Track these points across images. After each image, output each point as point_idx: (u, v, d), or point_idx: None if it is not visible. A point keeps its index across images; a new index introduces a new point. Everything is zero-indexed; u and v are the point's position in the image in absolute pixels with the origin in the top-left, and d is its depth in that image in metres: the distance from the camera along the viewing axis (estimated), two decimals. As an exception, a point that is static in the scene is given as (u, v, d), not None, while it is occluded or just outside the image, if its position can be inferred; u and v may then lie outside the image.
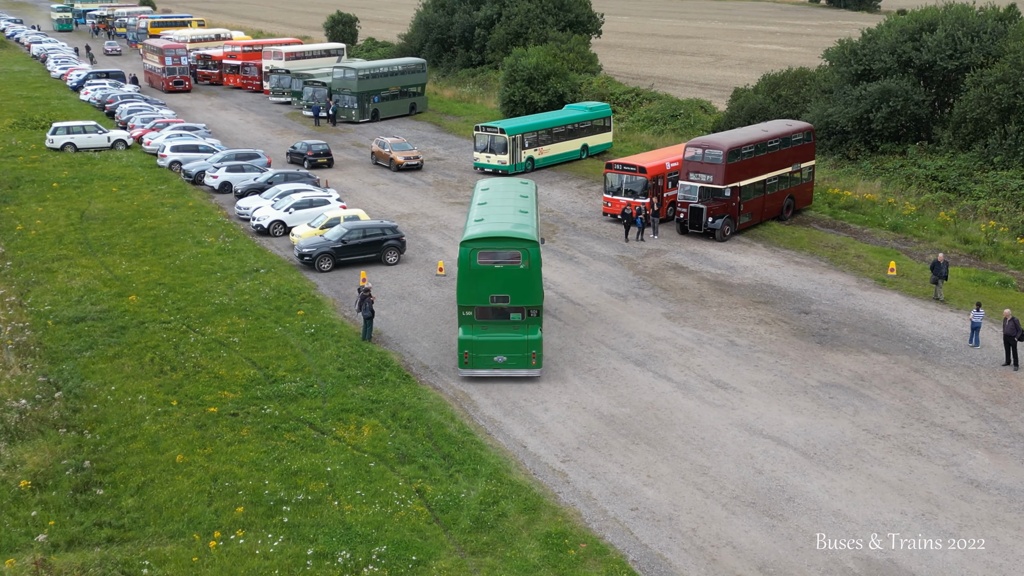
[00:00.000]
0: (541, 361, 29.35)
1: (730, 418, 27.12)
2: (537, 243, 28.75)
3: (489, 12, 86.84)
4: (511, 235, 28.73)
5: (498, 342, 28.80)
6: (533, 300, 28.74)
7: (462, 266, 28.54)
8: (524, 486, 23.47)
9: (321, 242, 40.24)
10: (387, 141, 59.62)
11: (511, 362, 29.00)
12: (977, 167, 48.06)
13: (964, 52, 50.61)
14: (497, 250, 28.52)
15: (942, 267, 36.03)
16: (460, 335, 29.08)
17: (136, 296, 35.78)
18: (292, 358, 30.68)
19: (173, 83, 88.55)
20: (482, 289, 28.60)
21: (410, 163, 58.18)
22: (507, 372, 29.15)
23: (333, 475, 23.59)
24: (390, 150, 58.66)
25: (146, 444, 25.08)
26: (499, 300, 28.65)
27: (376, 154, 59.91)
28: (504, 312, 28.85)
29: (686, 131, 62.98)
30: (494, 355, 28.95)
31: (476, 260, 28.43)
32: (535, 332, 28.93)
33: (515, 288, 28.53)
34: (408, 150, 58.99)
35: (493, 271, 28.46)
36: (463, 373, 29.42)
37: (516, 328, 28.90)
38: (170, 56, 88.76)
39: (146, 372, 29.49)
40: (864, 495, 23.19)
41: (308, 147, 58.77)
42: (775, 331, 33.46)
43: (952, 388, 28.95)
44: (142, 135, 64.02)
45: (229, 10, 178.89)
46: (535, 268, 28.49)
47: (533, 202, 33.38)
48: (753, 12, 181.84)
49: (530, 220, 30.64)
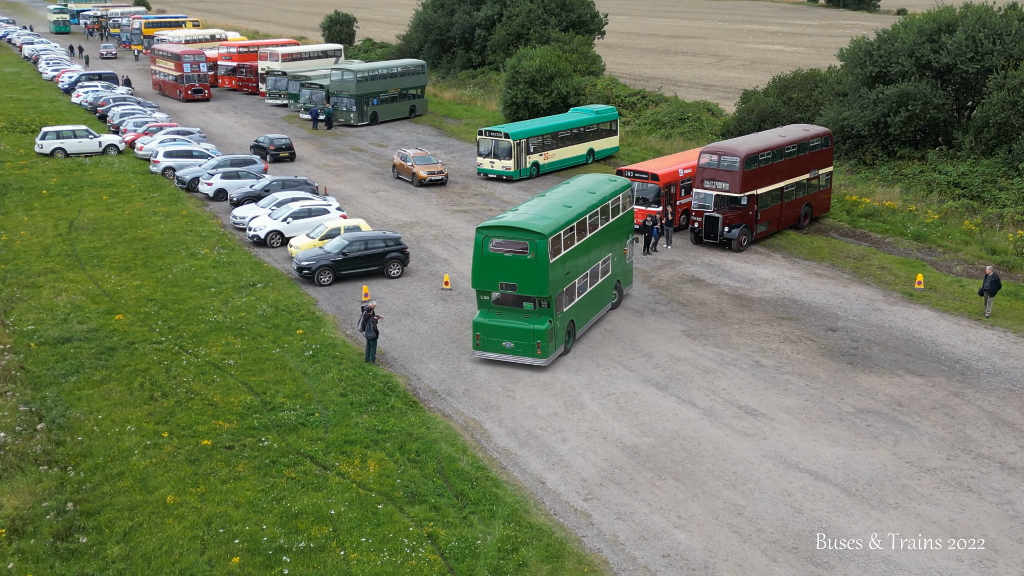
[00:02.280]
0: (548, 352, 29.74)
1: (762, 449, 25.27)
2: (546, 236, 28.94)
3: (490, 12, 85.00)
4: (521, 226, 29.46)
5: (507, 328, 29.74)
6: (539, 291, 29.35)
7: (476, 251, 29.72)
8: (545, 529, 21.60)
9: (321, 255, 38.36)
10: (409, 154, 55.18)
11: (517, 349, 29.82)
12: (1001, 173, 46.27)
13: (986, 54, 48.81)
14: (507, 239, 29.57)
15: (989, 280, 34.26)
16: (475, 317, 30.47)
17: (126, 314, 33.88)
18: (291, 382, 28.80)
19: (192, 91, 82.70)
20: (492, 275, 29.72)
21: (434, 178, 53.60)
22: (514, 358, 29.95)
23: (337, 518, 21.69)
24: (412, 164, 54.28)
25: (134, 482, 23.18)
26: (507, 288, 29.68)
27: (398, 167, 55.53)
28: (519, 300, 29.93)
29: (694, 135, 61.19)
30: (502, 340, 29.88)
31: (488, 247, 29.54)
32: (543, 323, 29.53)
33: (522, 277, 29.40)
34: (432, 164, 54.49)
35: (503, 259, 29.54)
36: (475, 354, 30.51)
37: (527, 317, 29.81)
38: (188, 63, 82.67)
39: (135, 399, 27.59)
40: (914, 538, 21.35)
41: (270, 141, 59.79)
42: (802, 350, 31.63)
43: (996, 414, 27.13)
44: (134, 140, 62.06)
45: (224, 10, 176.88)
46: (541, 260, 28.94)
47: (594, 199, 32.97)
48: (752, 12, 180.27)
49: (565, 216, 30.69)
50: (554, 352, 30.27)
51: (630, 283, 36.79)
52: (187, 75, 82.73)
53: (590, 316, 33.09)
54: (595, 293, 33.16)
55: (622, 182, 35.99)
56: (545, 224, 29.58)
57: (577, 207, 31.86)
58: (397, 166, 55.52)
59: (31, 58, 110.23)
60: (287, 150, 59.71)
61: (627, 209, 35.81)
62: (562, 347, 30.94)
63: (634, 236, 36.60)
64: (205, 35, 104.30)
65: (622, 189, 35.34)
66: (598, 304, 33.67)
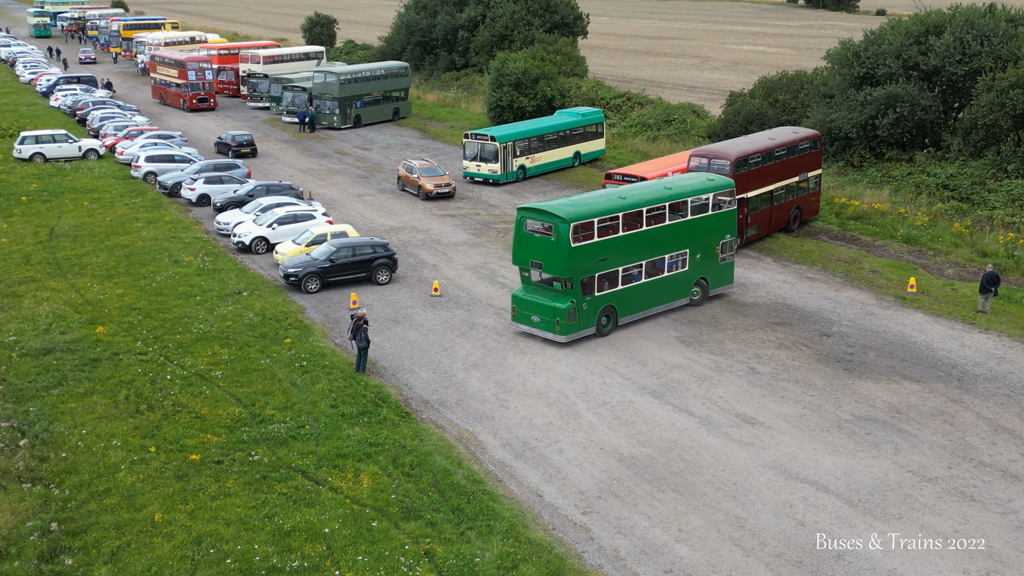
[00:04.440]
0: (566, 330, 31.60)
1: (761, 459, 24.89)
2: (568, 221, 30.79)
3: (472, 14, 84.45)
4: (548, 210, 31.66)
5: (535, 303, 32.06)
6: (560, 271, 31.48)
7: (515, 230, 32.60)
8: (544, 545, 21.12)
9: (307, 261, 37.76)
10: (415, 165, 52.28)
11: (542, 324, 32.01)
12: (990, 175, 46.12)
13: (973, 56, 48.70)
14: (538, 221, 31.91)
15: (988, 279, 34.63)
16: (514, 291, 33.19)
17: (109, 324, 33.19)
18: (280, 394, 28.21)
19: (197, 100, 79.02)
20: (526, 253, 32.34)
21: (441, 191, 50.93)
22: (539, 332, 32.20)
23: (331, 535, 21.14)
24: (419, 176, 51.49)
25: (121, 499, 22.56)
26: (536, 265, 32.17)
27: (403, 179, 52.81)
28: (551, 279, 32.25)
29: (680, 137, 60.87)
30: (532, 314, 32.21)
31: (524, 227, 32.21)
32: (565, 302, 31.53)
33: (547, 257, 31.68)
34: (439, 176, 51.77)
35: (533, 239, 32.07)
36: (512, 326, 33.20)
37: (554, 296, 31.96)
38: (193, 70, 79.04)
39: (121, 412, 26.93)
40: (919, 550, 21.01)
41: (232, 137, 61.23)
42: (797, 356, 31.30)
43: (995, 421, 26.85)
44: (115, 144, 61.21)
45: (203, 12, 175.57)
46: (563, 242, 30.93)
47: (662, 195, 33.86)
48: (732, 12, 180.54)
49: (604, 206, 32.30)
50: (577, 332, 31.93)
51: (728, 283, 36.58)
52: (192, 83, 78.94)
53: (645, 307, 34.02)
54: (655, 285, 34.06)
55: (719, 182, 35.98)
56: (571, 211, 31.39)
57: (632, 200, 33.12)
58: (402, 178, 52.96)
59: (8, 61, 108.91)
60: (249, 146, 61.18)
61: (722, 209, 35.61)
62: (591, 329, 32.41)
63: (735, 238, 36.30)
64: (185, 37, 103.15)
65: (711, 189, 35.31)
66: (660, 297, 34.41)
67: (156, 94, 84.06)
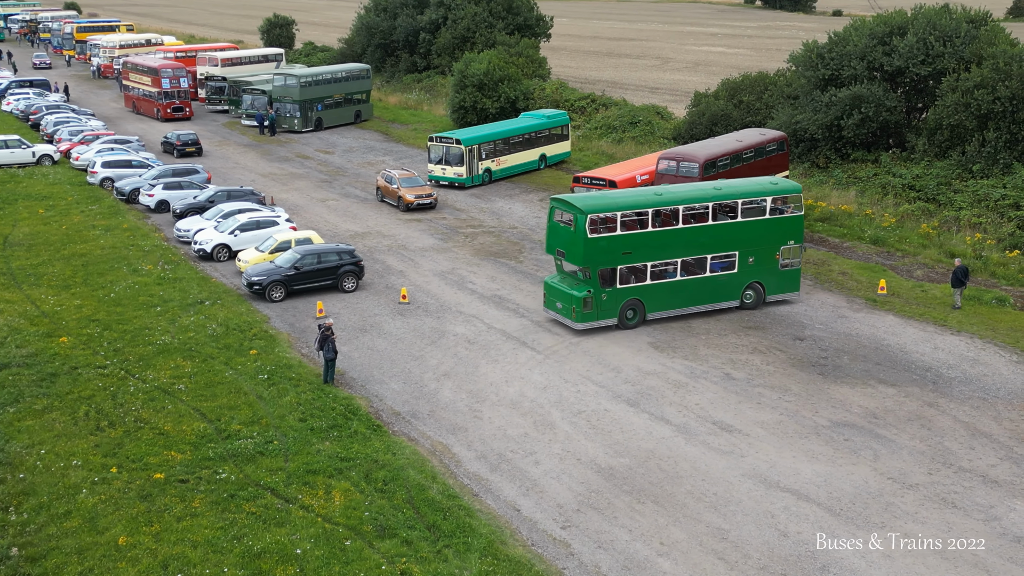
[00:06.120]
0: (581, 318, 32.70)
1: (741, 468, 24.52)
2: (585, 213, 31.96)
3: (434, 16, 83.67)
4: (571, 201, 33.00)
5: (559, 291, 33.43)
6: (577, 260, 32.86)
7: (548, 219, 34.51)
8: (524, 562, 20.56)
9: (271, 269, 36.92)
10: (394, 175, 50.25)
11: (563, 310, 33.34)
12: (955, 176, 46.25)
13: (937, 57, 48.87)
14: (563, 211, 33.28)
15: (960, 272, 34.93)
16: (546, 278, 34.81)
17: (67, 336, 32.15)
18: (246, 407, 27.40)
19: (172, 110, 74.43)
20: (554, 241, 33.96)
21: (422, 202, 49.04)
22: (561, 318, 33.53)
23: (303, 557, 20.42)
24: (398, 186, 49.55)
25: (83, 522, 21.68)
26: (560, 254, 33.71)
27: (382, 190, 50.87)
28: (573, 269, 33.76)
29: (646, 139, 60.58)
30: (556, 301, 33.60)
31: (553, 217, 33.88)
32: (582, 291, 32.70)
33: (568, 246, 33.08)
34: (420, 186, 49.86)
35: (559, 228, 33.57)
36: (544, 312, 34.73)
37: (575, 284, 33.17)
38: (167, 78, 74.07)
39: (80, 430, 25.99)
40: (904, 560, 20.72)
41: (177, 136, 61.81)
42: (772, 361, 31.01)
43: (972, 425, 26.70)
44: (70, 149, 59.77)
45: (158, 13, 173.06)
46: (580, 233, 32.17)
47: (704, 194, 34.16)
48: (690, 13, 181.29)
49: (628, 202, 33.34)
50: (593, 321, 32.94)
51: (792, 291, 35.89)
52: (167, 91, 74.23)
53: (682, 305, 34.27)
54: (695, 284, 34.22)
55: (783, 186, 35.63)
56: (590, 203, 32.71)
57: (667, 198, 33.84)
58: (381, 188, 51.09)
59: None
60: (194, 145, 61.83)
61: (784, 214, 35.19)
62: (611, 320, 33.28)
63: (801, 244, 35.59)
64: (140, 39, 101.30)
65: (770, 192, 35.06)
66: (700, 297, 34.51)
67: (128, 103, 79.86)
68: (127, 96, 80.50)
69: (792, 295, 36.07)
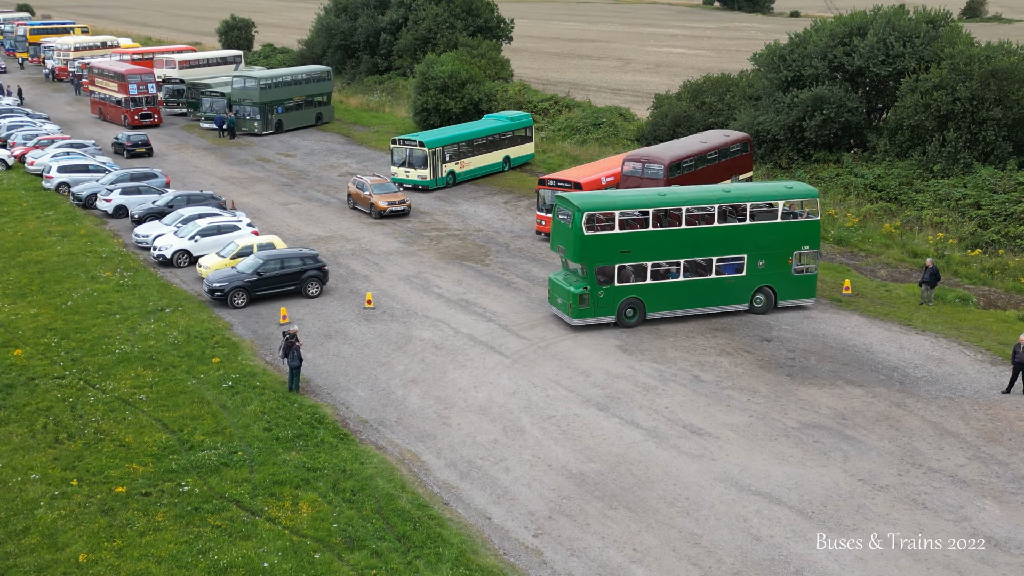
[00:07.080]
0: (576, 314, 33.05)
1: (712, 471, 24.40)
2: (581, 210, 32.26)
3: (395, 16, 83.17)
4: (568, 198, 33.61)
5: (559, 287, 33.84)
6: (573, 256, 33.13)
7: (552, 217, 35.32)
8: (496, 572, 20.27)
9: (233, 275, 36.32)
10: (366, 182, 49.10)
11: (562, 306, 33.76)
12: (917, 175, 46.62)
13: (897, 57, 49.26)
14: (563, 208, 33.73)
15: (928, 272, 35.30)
16: (551, 275, 35.17)
17: (24, 346, 31.38)
18: (210, 417, 26.86)
19: (140, 116, 72.09)
20: (557, 238, 34.35)
21: (395, 209, 48.01)
22: (560, 313, 34.00)
23: (270, 571, 19.99)
24: (370, 193, 48.51)
25: (42, 538, 21.08)
26: (560, 251, 34.16)
27: (353, 196, 49.74)
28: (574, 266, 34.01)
29: (610, 140, 60.57)
30: (558, 297, 33.99)
31: (558, 214, 34.10)
32: (578, 287, 32.98)
33: (567, 243, 33.44)
34: (392, 192, 48.89)
35: (561, 225, 34.03)
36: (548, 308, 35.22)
37: (575, 281, 33.45)
38: (135, 83, 72.06)
39: (39, 442, 25.33)
40: (877, 563, 20.68)
41: (127, 138, 61.90)
42: (740, 363, 30.96)
43: (940, 425, 26.79)
44: (24, 154, 58.61)
45: (114, 15, 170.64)
46: (576, 229, 32.51)
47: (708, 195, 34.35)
48: (650, 15, 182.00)
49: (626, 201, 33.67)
50: (589, 318, 33.25)
51: (806, 297, 35.29)
52: (134, 98, 72.09)
53: (685, 306, 34.22)
54: (699, 286, 34.12)
55: (797, 190, 35.24)
56: (588, 201, 33.10)
57: (670, 199, 34.03)
58: (352, 195, 49.92)
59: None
60: (144, 146, 62.01)
61: (797, 219, 34.89)
62: (609, 318, 33.51)
63: (816, 250, 35.13)
64: (96, 42, 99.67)
65: (782, 196, 34.69)
66: (705, 298, 34.34)
67: (95, 109, 77.29)
68: (93, 102, 77.95)
69: (807, 301, 35.48)
